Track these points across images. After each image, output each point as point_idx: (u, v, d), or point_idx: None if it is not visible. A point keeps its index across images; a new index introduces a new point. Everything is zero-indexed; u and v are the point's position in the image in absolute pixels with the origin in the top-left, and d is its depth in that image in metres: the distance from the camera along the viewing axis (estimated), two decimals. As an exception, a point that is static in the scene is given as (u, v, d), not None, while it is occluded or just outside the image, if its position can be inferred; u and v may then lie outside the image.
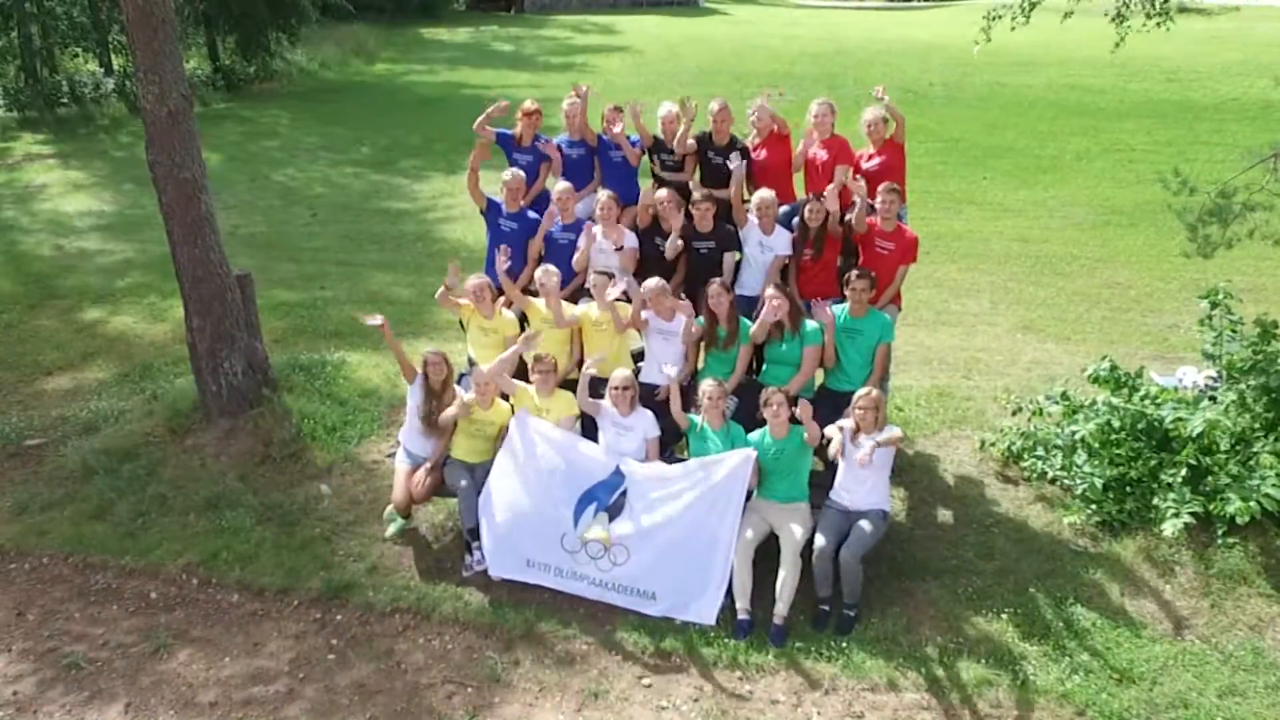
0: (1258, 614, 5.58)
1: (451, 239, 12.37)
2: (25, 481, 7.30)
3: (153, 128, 6.74)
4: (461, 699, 5.25)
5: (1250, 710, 4.99)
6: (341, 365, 8.36)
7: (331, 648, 5.66)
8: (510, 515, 5.98)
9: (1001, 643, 5.45)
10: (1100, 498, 6.24)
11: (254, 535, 6.48)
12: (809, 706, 5.15)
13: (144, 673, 5.56)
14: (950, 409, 7.71)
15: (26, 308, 10.32)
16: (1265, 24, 35.59)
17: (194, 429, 7.45)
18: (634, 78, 24.45)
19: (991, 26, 8.57)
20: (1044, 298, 10.24)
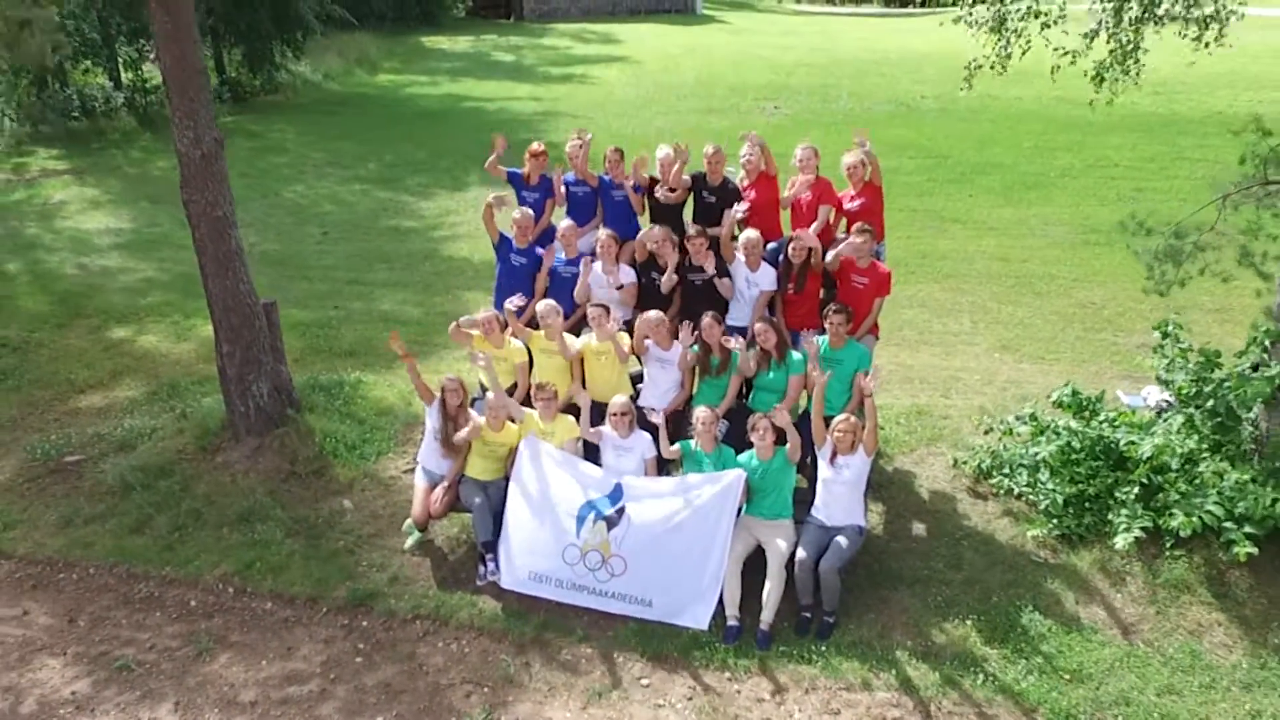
0: (1198, 620, 6.18)
1: (458, 257, 12.94)
2: (67, 496, 7.89)
3: (187, 169, 7.33)
4: (479, 698, 5.84)
5: (1184, 707, 5.59)
6: (358, 385, 8.96)
7: (359, 651, 6.26)
8: (519, 531, 6.58)
9: (966, 647, 6.06)
10: (1061, 512, 6.84)
11: (284, 547, 7.08)
12: (791, 704, 5.75)
13: (189, 674, 6.15)
14: (928, 427, 8.31)
15: (55, 327, 10.90)
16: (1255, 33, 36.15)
17: (223, 447, 8.04)
18: (633, 89, 25.00)
19: (974, 75, 9.11)
20: (1021, 317, 10.82)
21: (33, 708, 5.96)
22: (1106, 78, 8.62)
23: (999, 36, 8.54)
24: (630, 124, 20.96)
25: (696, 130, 20.53)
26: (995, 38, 8.56)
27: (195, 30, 7.06)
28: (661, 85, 25.87)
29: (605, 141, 19.98)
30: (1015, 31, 8.52)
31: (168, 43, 6.93)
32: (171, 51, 6.94)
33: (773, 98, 23.75)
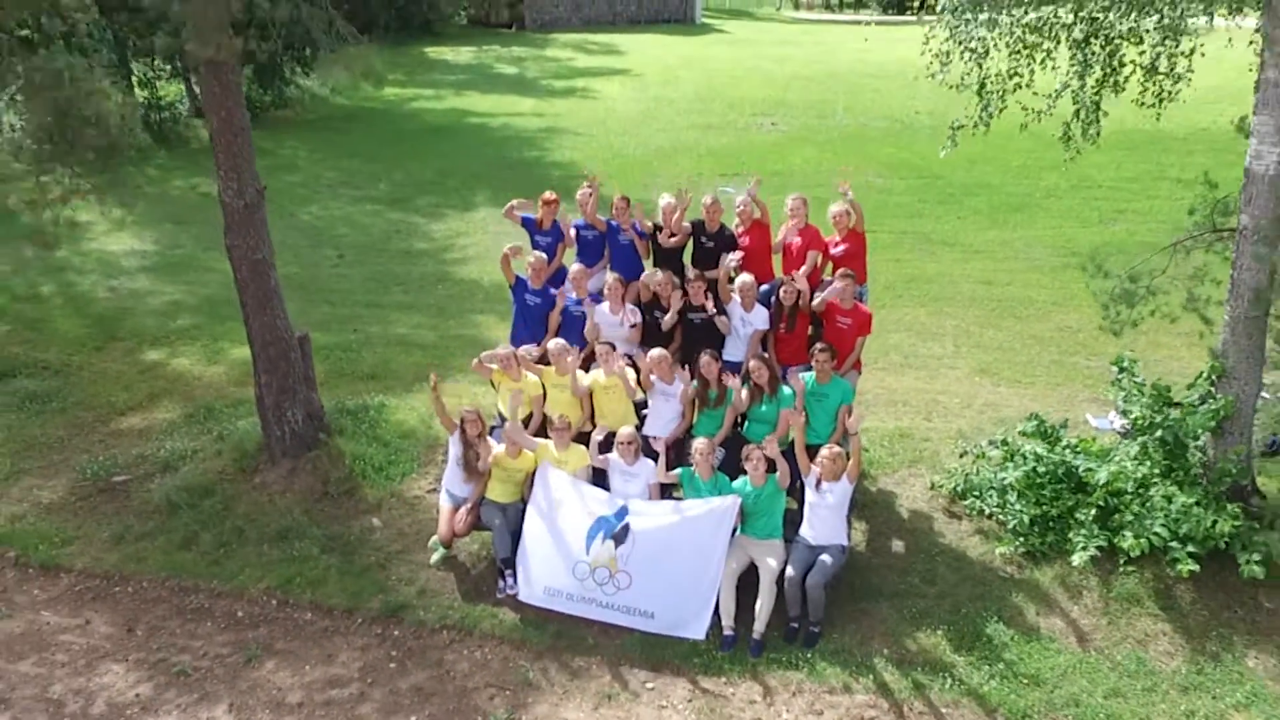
0: (1145, 630, 6.92)
1: (468, 280, 13.67)
2: (117, 514, 8.62)
3: (231, 217, 8.05)
4: (501, 700, 6.58)
5: (1127, 708, 6.33)
6: (382, 409, 9.69)
7: (392, 658, 7.00)
8: (535, 549, 7.32)
9: (936, 654, 6.79)
10: (1026, 532, 7.58)
11: (320, 562, 7.81)
12: (779, 705, 6.49)
13: (240, 679, 6.89)
14: (909, 450, 9.05)
15: (93, 349, 11.63)
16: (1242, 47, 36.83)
17: (260, 468, 8.78)
18: (633, 104, 25.69)
19: (956, 136, 9.82)
20: (1001, 341, 11.56)
21: (103, 709, 6.69)
22: (1072, 136, 9.34)
23: (980, 99, 9.25)
24: (631, 141, 21.66)
25: (695, 147, 21.31)
26: (978, 100, 9.26)
27: (241, 93, 7.78)
28: (661, 100, 26.57)
29: (607, 159, 20.74)
30: (997, 93, 9.23)
31: (215, 105, 7.67)
32: (218, 113, 7.68)
33: (770, 113, 24.46)
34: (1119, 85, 8.88)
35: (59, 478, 9.22)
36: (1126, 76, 8.99)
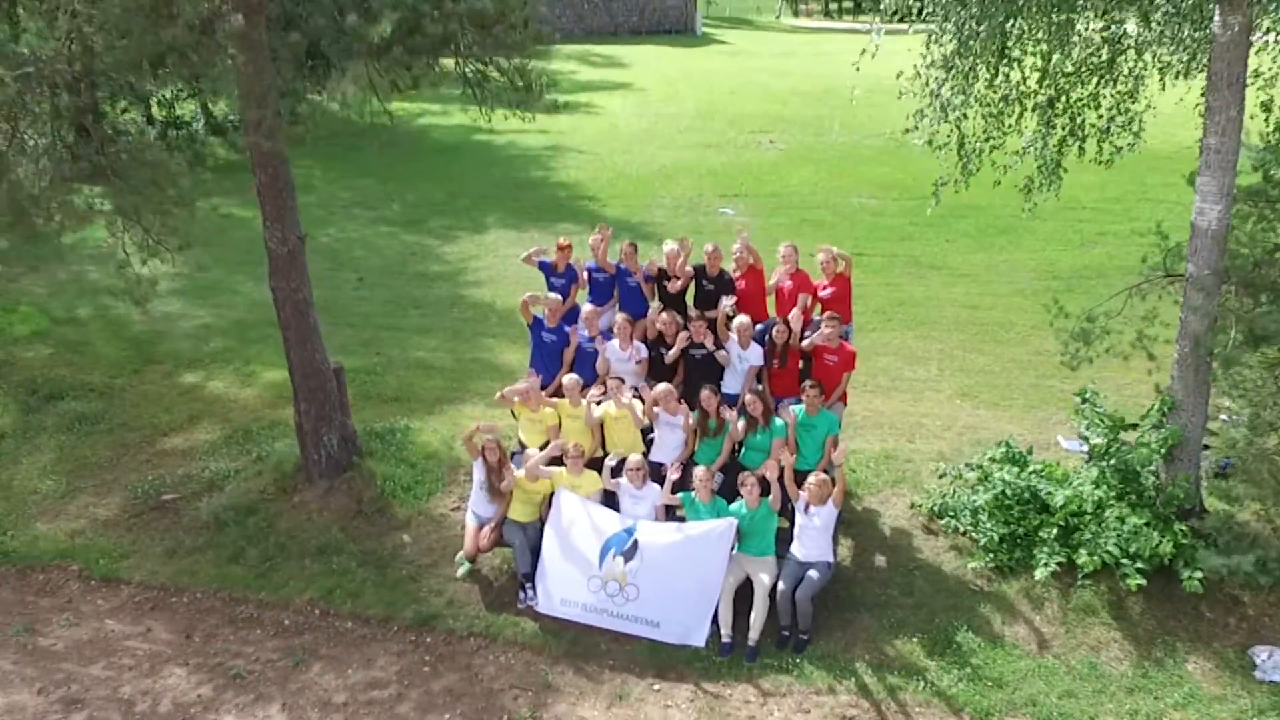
0: (1098, 638, 7.79)
1: (481, 303, 14.52)
2: (169, 530, 9.49)
3: (275, 261, 8.93)
4: (524, 700, 7.45)
5: (1078, 707, 7.20)
6: (407, 431, 10.56)
7: (425, 662, 7.87)
8: (552, 565, 8.18)
9: (911, 659, 7.66)
10: (996, 549, 8.44)
11: (357, 575, 8.69)
12: (771, 705, 7.36)
13: (290, 681, 7.76)
14: (893, 470, 9.92)
15: (132, 372, 12.48)
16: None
17: (299, 488, 9.65)
18: (636, 120, 26.55)
19: (939, 192, 10.66)
20: (982, 365, 12.42)
21: (169, 707, 7.56)
22: (1034, 190, 10.20)
23: (959, 158, 10.10)
24: (634, 160, 22.51)
25: (696, 166, 22.13)
26: (957, 159, 10.10)
27: (286, 153, 8.64)
28: (663, 115, 27.42)
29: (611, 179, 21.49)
30: (975, 151, 10.08)
31: (264, 164, 8.53)
32: (267, 171, 8.54)
33: (768, 130, 25.32)
34: (1081, 146, 9.73)
35: (112, 496, 10.09)
36: (1084, 137, 9.83)
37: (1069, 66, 8.76)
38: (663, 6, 43.49)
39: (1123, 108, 9.49)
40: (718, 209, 18.88)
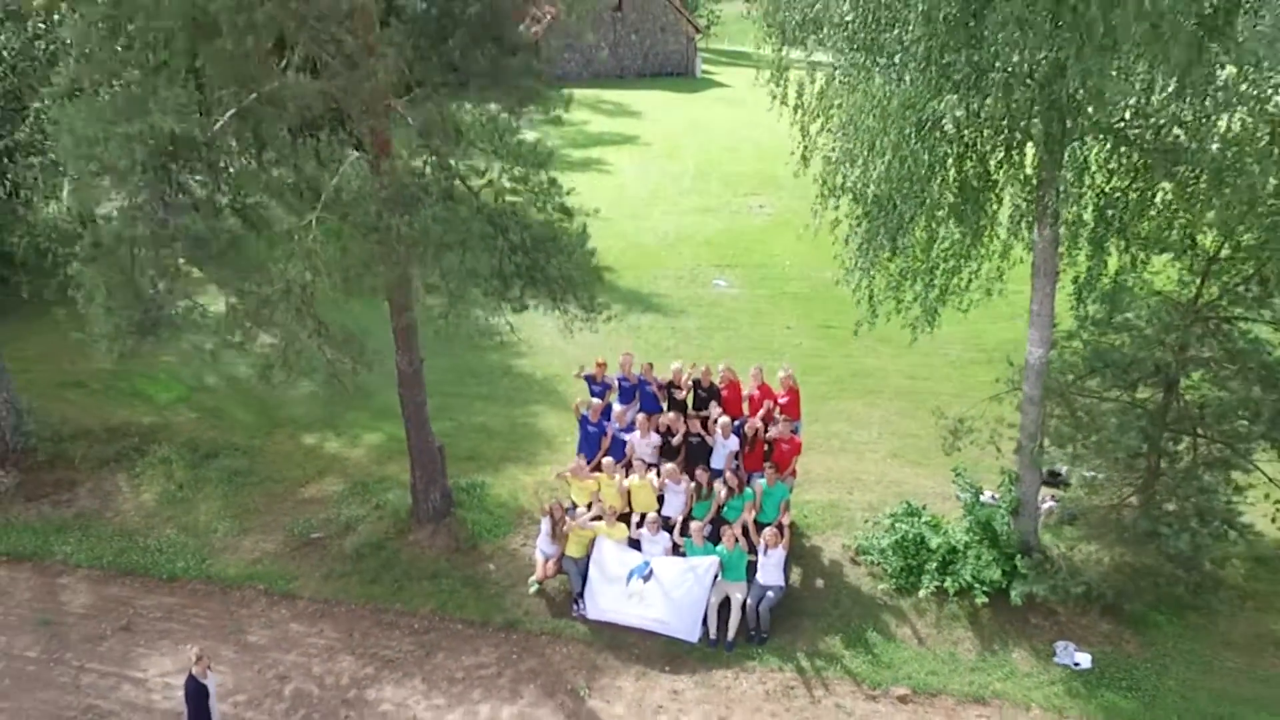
0: (957, 636, 12.05)
1: (525, 373, 18.76)
2: (321, 560, 13.75)
3: (402, 377, 13.16)
4: (581, 676, 11.71)
5: (938, 680, 11.45)
6: (483, 486, 14.84)
7: (513, 651, 12.13)
8: (596, 585, 12.44)
9: (835, 650, 11.92)
10: (896, 575, 12.69)
11: (461, 593, 12.95)
12: (741, 679, 11.62)
13: (425, 665, 12.02)
14: (834, 517, 14.18)
15: (265, 434, 16.75)
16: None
17: (412, 530, 13.91)
18: (642, 180, 30.72)
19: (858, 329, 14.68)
20: (912, 429, 16.64)
21: (347, 680, 11.82)
22: (918, 329, 14.21)
23: (869, 306, 14.17)
24: (642, 226, 26.71)
25: (695, 234, 26.29)
26: (868, 307, 14.16)
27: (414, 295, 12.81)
28: (667, 174, 31.63)
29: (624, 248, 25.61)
30: (880, 301, 14.14)
31: (398, 312, 12.75)
32: (399, 308, 12.75)
33: (758, 192, 29.50)
34: (959, 298, 13.85)
35: (273, 535, 14.37)
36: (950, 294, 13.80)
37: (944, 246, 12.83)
38: (665, 51, 47.65)
39: (976, 276, 13.44)
40: (713, 280, 23.15)
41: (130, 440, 16.42)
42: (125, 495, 15.41)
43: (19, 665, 12.27)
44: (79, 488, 15.55)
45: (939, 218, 12.42)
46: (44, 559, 14.21)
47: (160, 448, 16.19)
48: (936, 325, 13.84)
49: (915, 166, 10.94)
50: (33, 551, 14.32)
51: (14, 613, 13.23)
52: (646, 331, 20.30)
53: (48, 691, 11.86)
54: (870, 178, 11.31)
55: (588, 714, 11.24)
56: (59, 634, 12.79)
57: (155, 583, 13.66)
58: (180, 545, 14.26)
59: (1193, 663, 11.59)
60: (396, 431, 15.71)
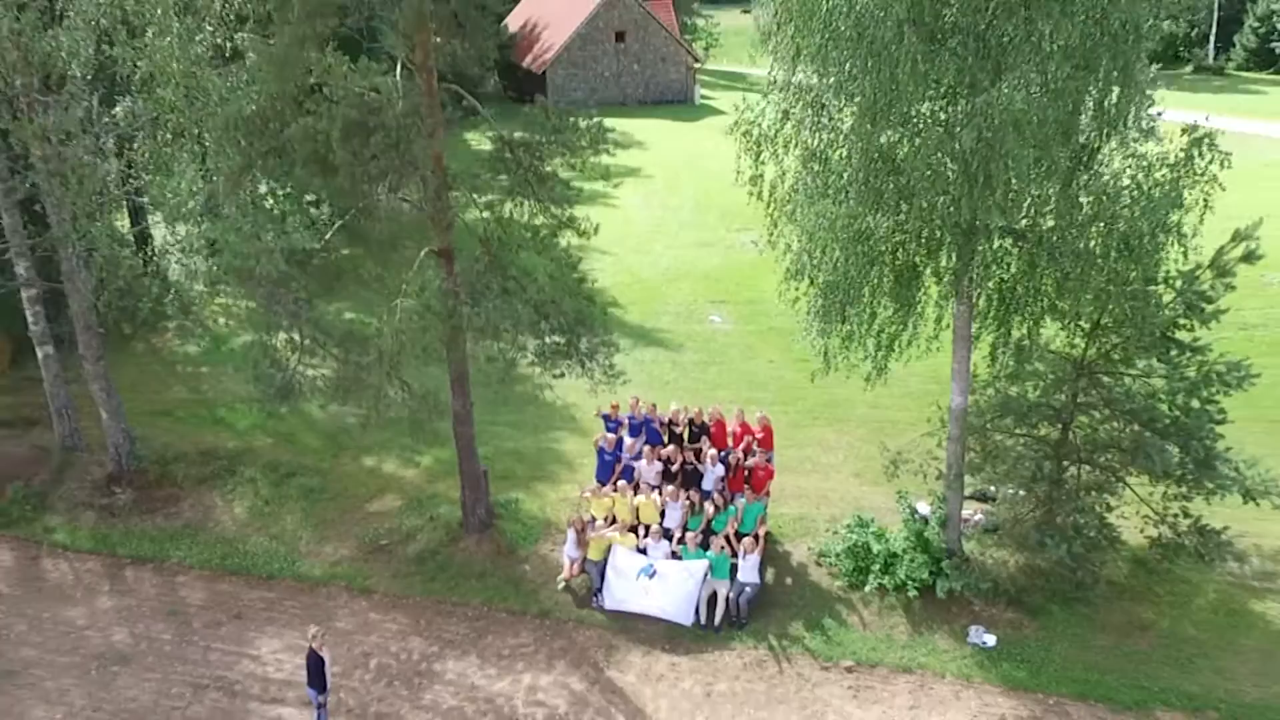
0: (894, 623, 15.71)
1: (550, 402, 22.40)
2: (389, 563, 17.42)
3: (456, 415, 16.80)
4: (600, 654, 15.38)
5: (876, 655, 15.11)
6: (518, 502, 18.50)
7: (547, 634, 15.80)
8: (612, 582, 16.10)
9: (798, 633, 15.59)
10: (849, 575, 16.35)
11: (505, 589, 16.62)
12: (725, 654, 15.29)
13: (477, 644, 15.69)
14: (803, 527, 17.84)
15: (331, 457, 20.42)
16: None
17: (461, 539, 17.58)
18: (646, 215, 34.37)
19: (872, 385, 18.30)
20: (872, 453, 20.21)
21: (418, 656, 15.49)
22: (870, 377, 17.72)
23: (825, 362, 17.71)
24: (646, 261, 30.39)
25: (693, 268, 29.89)
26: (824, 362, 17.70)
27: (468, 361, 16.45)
28: (667, 207, 35.29)
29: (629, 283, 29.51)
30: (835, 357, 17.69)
31: (457, 369, 16.38)
32: (457, 369, 16.39)
33: (751, 227, 32.91)
34: (901, 355, 17.37)
35: (347, 542, 18.04)
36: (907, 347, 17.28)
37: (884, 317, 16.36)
38: (665, 79, 51.26)
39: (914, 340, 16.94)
40: (708, 316, 26.81)
41: (220, 462, 20.12)
42: (221, 508, 19.11)
43: (158, 645, 15.95)
44: (183, 502, 19.24)
45: (878, 299, 16.02)
46: (162, 561, 17.89)
47: (246, 468, 19.89)
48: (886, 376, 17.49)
49: (856, 262, 14.57)
50: (152, 555, 18.01)
51: (145, 604, 16.91)
52: (650, 366, 23.99)
53: (184, 665, 15.52)
54: (822, 269, 14.93)
55: (606, 681, 14.91)
56: (184, 621, 16.46)
57: (256, 580, 17.34)
58: (272, 550, 17.94)
59: (1074, 642, 15.24)
60: (441, 455, 19.50)
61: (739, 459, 16.65)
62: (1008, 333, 15.83)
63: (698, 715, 14.21)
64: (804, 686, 14.67)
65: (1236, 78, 60.56)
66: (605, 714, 14.22)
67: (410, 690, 14.78)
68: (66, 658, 15.65)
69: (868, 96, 13.48)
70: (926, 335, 16.59)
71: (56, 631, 16.24)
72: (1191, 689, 14.28)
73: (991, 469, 16.20)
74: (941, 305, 16.03)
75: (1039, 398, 15.85)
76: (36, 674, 15.30)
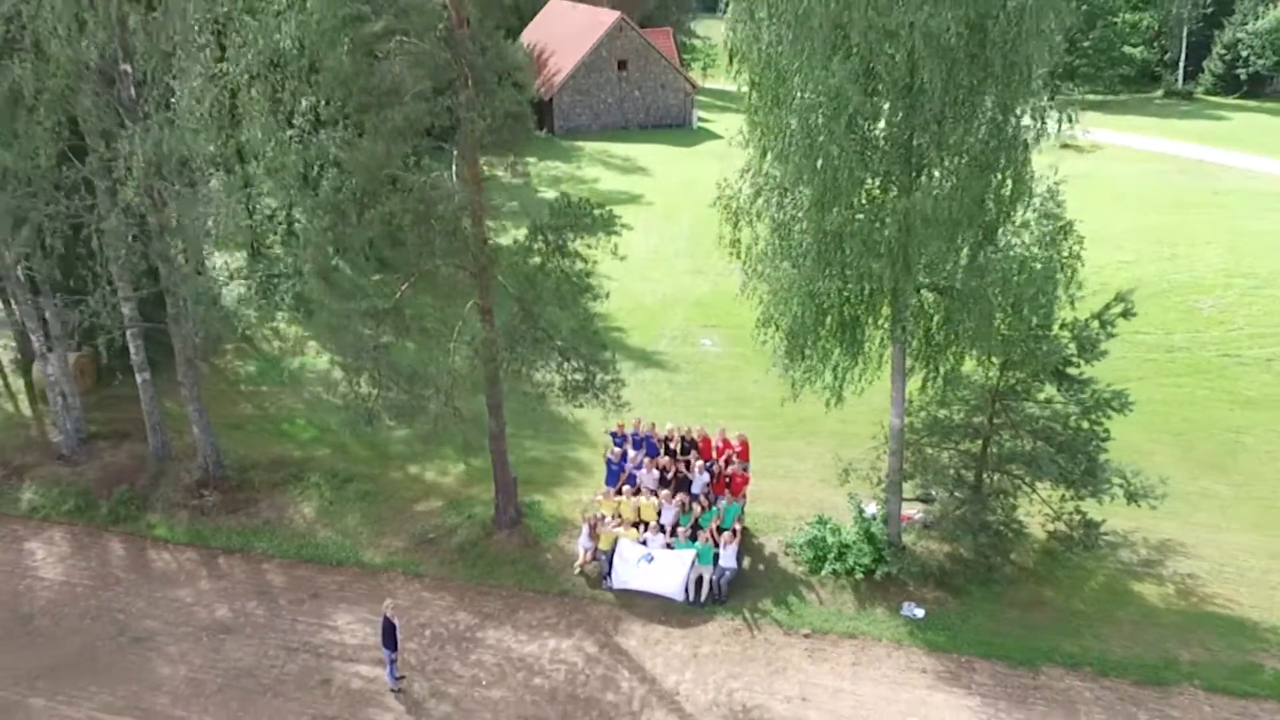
0: (845, 600, 20.06)
1: (562, 418, 26.73)
2: (437, 553, 21.79)
3: (492, 433, 21.14)
4: (609, 623, 19.74)
5: (829, 623, 19.46)
6: (539, 503, 22.88)
7: (566, 609, 20.15)
8: (618, 566, 20.47)
9: (767, 608, 19.94)
10: (810, 561, 20.72)
11: (531, 574, 20.99)
12: (708, 625, 19.64)
13: (511, 618, 20.03)
14: (775, 524, 22.20)
15: (380, 465, 24.78)
16: (1116, 165, 49.76)
17: (494, 534, 21.94)
18: (646, 243, 38.58)
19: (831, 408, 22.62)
20: (830, 461, 24.55)
21: (463, 626, 19.85)
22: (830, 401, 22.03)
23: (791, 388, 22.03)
24: (646, 288, 34.69)
25: (688, 294, 34.20)
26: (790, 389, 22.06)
27: (502, 397, 20.75)
28: (666, 236, 39.58)
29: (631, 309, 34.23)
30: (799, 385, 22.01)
31: (494, 395, 20.70)
32: (494, 395, 20.70)
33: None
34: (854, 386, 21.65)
35: (400, 536, 22.41)
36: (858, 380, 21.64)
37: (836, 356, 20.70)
38: (664, 105, 55.55)
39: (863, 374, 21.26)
40: (700, 340, 31.16)
41: (289, 469, 24.51)
42: (293, 508, 23.48)
43: (253, 618, 20.30)
44: (260, 503, 23.62)
45: (830, 343, 20.33)
46: (248, 551, 22.26)
47: (311, 475, 24.28)
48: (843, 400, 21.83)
49: (811, 314, 18.89)
50: (239, 546, 22.38)
51: (238, 586, 21.28)
52: (650, 385, 28.37)
53: (276, 634, 19.87)
54: (785, 319, 19.25)
55: (614, 645, 19.25)
56: (272, 599, 20.82)
57: (327, 567, 21.70)
58: (338, 543, 22.31)
59: (985, 615, 19.59)
60: (473, 463, 23.91)
61: (721, 468, 21.00)
62: (935, 368, 20.16)
63: (686, 671, 18.56)
64: (770, 649, 19.03)
65: (1204, 102, 64.84)
66: (613, 670, 18.57)
67: (459, 652, 19.14)
68: (181, 628, 20.01)
69: (816, 189, 17.80)
70: (872, 369, 20.91)
71: (170, 608, 20.61)
72: (1073, 650, 18.64)
73: (923, 476, 20.57)
74: (882, 347, 20.36)
75: (961, 419, 20.21)
76: (160, 640, 19.67)
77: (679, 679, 18.27)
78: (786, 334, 19.61)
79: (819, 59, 16.75)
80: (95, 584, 21.41)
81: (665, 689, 18.04)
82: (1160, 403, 27.33)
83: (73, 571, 21.82)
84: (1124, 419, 19.55)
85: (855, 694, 17.84)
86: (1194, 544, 21.57)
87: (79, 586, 21.34)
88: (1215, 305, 33.10)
